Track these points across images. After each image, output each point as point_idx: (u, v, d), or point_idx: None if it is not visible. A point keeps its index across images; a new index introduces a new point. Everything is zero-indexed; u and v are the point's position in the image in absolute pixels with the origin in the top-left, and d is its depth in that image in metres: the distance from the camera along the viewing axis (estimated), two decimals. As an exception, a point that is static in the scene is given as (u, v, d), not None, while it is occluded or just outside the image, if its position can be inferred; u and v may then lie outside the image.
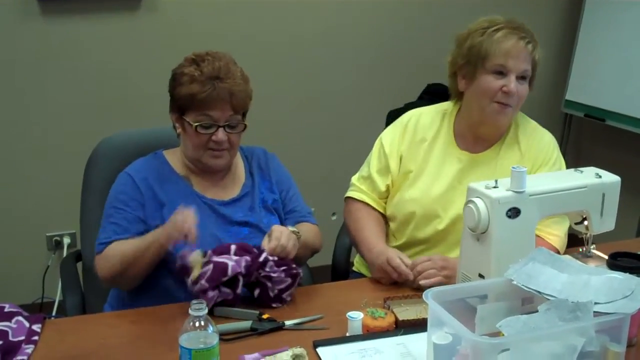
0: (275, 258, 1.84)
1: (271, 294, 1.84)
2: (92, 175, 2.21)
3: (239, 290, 1.82)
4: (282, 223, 2.11)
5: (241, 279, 1.81)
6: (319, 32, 3.60)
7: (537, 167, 2.14)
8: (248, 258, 1.82)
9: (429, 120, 2.23)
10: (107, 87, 3.34)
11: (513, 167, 1.73)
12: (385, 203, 2.25)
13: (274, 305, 1.85)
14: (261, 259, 1.82)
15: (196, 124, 1.94)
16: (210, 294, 1.77)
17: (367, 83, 3.73)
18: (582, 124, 4.09)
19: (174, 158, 2.07)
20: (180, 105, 1.97)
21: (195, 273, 1.77)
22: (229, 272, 1.79)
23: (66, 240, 3.43)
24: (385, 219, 2.26)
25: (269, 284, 1.84)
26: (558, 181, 1.83)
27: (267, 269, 1.82)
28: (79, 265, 2.26)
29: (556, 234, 2.08)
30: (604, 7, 3.69)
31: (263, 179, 2.13)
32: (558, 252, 2.03)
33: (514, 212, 1.72)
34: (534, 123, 2.24)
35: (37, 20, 3.18)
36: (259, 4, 3.47)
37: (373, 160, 2.25)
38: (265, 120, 3.10)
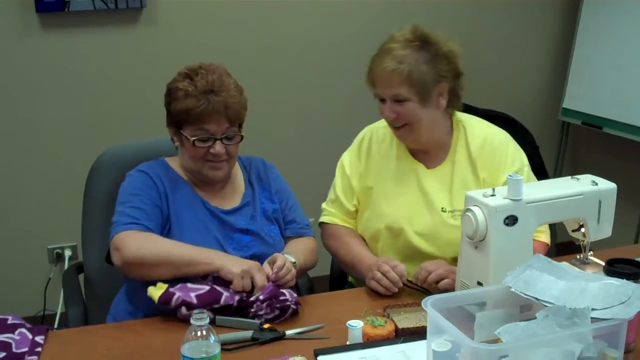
0: (261, 298, 1.82)
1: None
2: (94, 187, 2.22)
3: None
4: (282, 232, 2.13)
5: (232, 309, 1.83)
6: (317, 43, 3.62)
7: (494, 173, 2.08)
8: (244, 294, 1.83)
9: (381, 135, 2.23)
10: (107, 99, 3.36)
11: (509, 176, 1.76)
12: (356, 223, 2.25)
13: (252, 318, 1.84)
14: (252, 298, 1.83)
15: (193, 138, 1.95)
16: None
17: (363, 94, 3.73)
18: (580, 131, 4.10)
19: (176, 165, 2.08)
20: (177, 120, 1.98)
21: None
22: (222, 301, 1.81)
23: (67, 253, 3.44)
24: None
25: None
26: (555, 189, 1.85)
27: (254, 308, 1.82)
28: (81, 277, 2.27)
29: (541, 229, 2.07)
30: (600, 15, 3.71)
31: (263, 189, 2.14)
32: (548, 246, 2.07)
33: (511, 220, 1.74)
34: (483, 124, 2.18)
35: (36, 33, 3.20)
36: (256, 18, 3.49)
37: (337, 182, 2.25)
38: (262, 130, 3.11)
